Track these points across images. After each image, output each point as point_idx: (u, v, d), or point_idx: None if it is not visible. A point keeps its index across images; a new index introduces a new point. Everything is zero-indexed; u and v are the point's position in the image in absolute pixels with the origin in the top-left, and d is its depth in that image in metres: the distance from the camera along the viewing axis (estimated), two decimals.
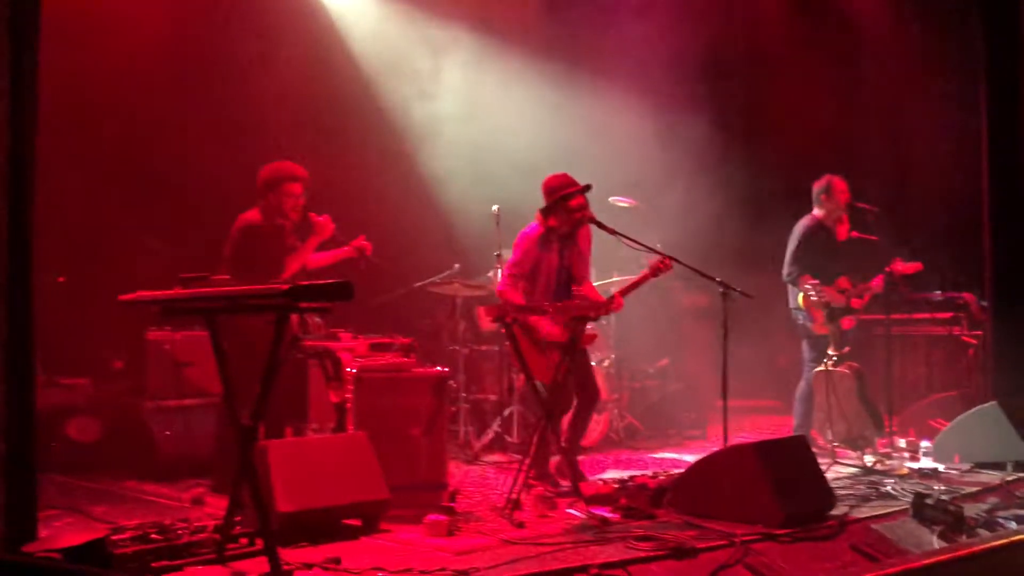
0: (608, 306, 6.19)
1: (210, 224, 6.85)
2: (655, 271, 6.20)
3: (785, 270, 7.59)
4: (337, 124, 8.65)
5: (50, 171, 4.69)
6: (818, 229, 7.65)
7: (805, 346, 7.62)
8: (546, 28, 9.64)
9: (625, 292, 6.31)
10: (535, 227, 6.32)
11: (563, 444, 6.02)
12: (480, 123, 8.91)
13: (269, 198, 6.11)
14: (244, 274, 5.52)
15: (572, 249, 6.35)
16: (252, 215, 6.11)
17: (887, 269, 7.42)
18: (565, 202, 6.18)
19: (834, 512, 5.27)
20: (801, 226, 7.69)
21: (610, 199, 8.21)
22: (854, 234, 7.75)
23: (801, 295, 7.41)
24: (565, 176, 6.29)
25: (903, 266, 7.44)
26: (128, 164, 7.51)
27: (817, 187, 7.71)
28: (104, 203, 7.37)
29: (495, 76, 9.21)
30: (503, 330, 6.12)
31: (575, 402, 6.31)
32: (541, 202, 6.31)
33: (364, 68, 8.86)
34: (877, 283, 7.50)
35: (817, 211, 7.71)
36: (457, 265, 8.15)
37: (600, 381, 7.94)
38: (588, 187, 6.25)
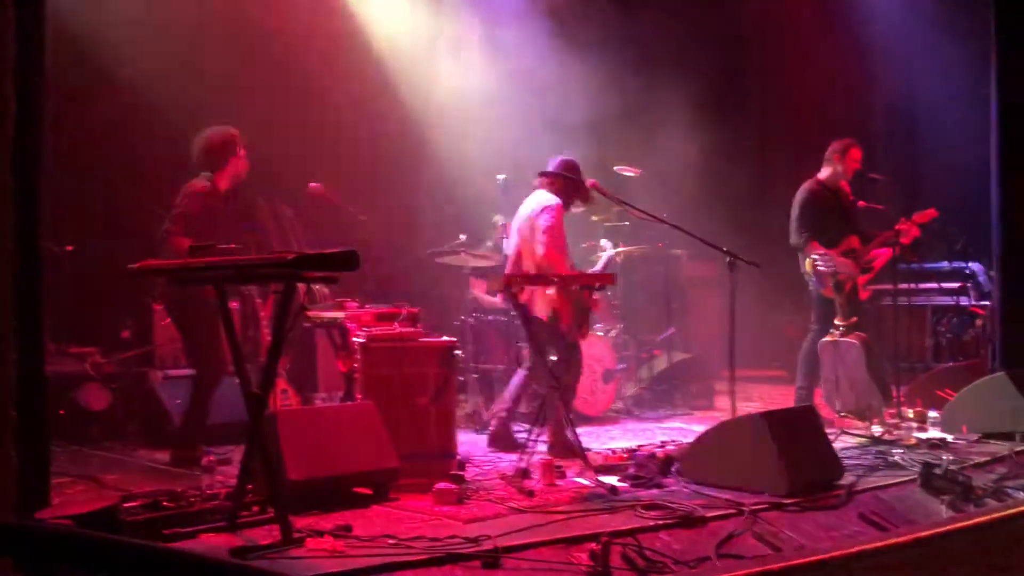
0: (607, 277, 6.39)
1: None
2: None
3: (792, 238, 7.52)
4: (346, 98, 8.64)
5: (58, 139, 4.67)
6: (820, 191, 7.57)
7: (813, 310, 7.59)
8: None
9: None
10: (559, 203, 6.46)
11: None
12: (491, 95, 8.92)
13: (231, 162, 6.05)
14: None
15: None
16: (200, 185, 5.97)
17: (898, 227, 7.34)
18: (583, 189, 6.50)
19: (842, 482, 5.27)
20: (803, 190, 7.60)
21: (615, 168, 8.18)
22: (861, 203, 7.71)
23: (809, 261, 7.34)
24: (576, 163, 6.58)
25: (919, 216, 7.38)
26: (136, 133, 7.47)
27: (832, 147, 7.62)
28: (112, 172, 7.35)
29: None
30: (501, 296, 6.17)
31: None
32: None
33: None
34: (886, 238, 7.42)
35: (822, 172, 7.65)
36: (463, 235, 8.12)
37: (607, 351, 8.01)
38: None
